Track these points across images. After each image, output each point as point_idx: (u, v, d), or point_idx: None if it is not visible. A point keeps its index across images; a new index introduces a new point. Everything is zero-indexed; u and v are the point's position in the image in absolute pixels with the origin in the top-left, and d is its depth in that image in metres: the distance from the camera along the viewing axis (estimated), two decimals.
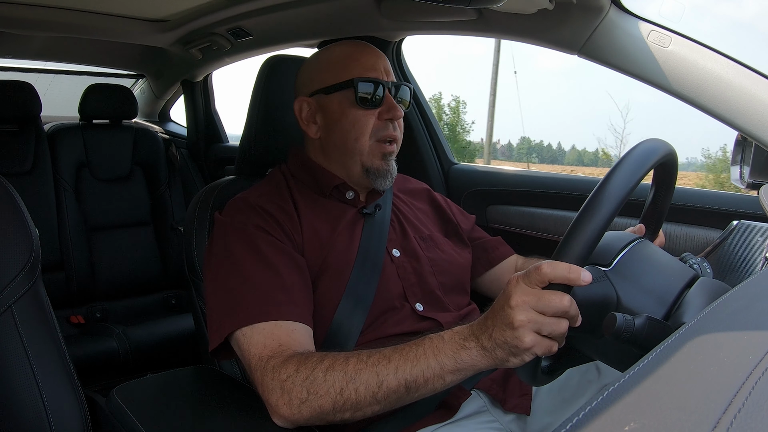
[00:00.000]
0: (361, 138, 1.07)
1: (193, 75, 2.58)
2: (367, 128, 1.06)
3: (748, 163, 1.11)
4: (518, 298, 0.69)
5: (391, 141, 1.09)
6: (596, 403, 0.36)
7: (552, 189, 1.59)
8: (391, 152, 1.09)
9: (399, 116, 1.07)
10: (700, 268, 0.84)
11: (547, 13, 1.21)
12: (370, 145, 1.07)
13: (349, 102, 1.06)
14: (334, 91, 1.07)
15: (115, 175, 2.42)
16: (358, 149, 1.07)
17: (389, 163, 1.09)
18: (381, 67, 1.08)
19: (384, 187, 1.11)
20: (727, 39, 46.18)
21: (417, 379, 0.77)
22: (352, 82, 1.05)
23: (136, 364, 2.02)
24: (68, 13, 1.74)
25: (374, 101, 1.06)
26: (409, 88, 1.14)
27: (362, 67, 1.07)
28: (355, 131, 1.06)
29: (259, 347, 0.87)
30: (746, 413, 0.33)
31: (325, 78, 1.09)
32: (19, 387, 0.83)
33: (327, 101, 1.09)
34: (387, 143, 1.08)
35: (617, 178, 0.70)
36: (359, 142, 1.07)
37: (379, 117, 1.07)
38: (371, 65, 1.07)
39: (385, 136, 1.07)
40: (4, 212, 0.86)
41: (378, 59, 1.09)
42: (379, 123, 1.07)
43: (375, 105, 1.06)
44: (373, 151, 1.08)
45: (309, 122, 1.12)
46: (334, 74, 1.08)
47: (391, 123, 1.08)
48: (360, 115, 1.06)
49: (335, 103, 1.07)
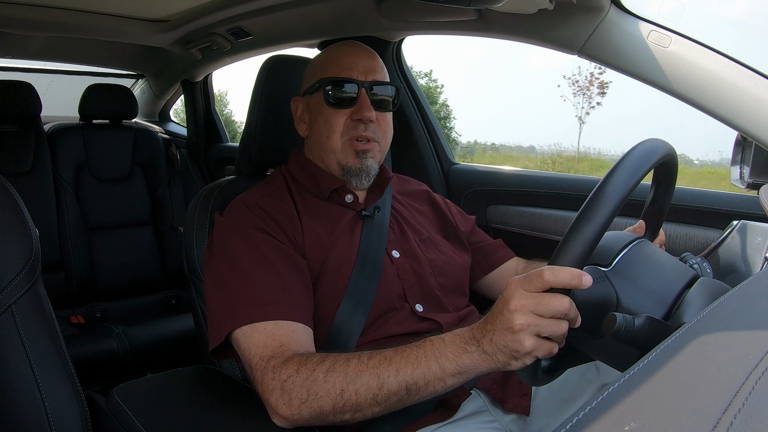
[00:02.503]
0: (331, 136, 1.08)
1: (193, 75, 2.58)
2: (337, 127, 1.08)
3: (748, 163, 1.11)
4: (517, 301, 0.69)
5: (364, 140, 1.08)
6: (596, 403, 0.36)
7: (552, 189, 1.59)
8: (365, 150, 1.08)
9: (368, 117, 1.06)
10: (700, 268, 0.84)
11: (547, 13, 1.21)
12: (342, 143, 1.08)
13: (323, 101, 1.08)
14: (312, 91, 1.11)
15: (115, 175, 2.42)
16: (331, 147, 1.09)
17: (363, 162, 1.09)
18: (360, 66, 1.08)
19: (360, 185, 1.11)
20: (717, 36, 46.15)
21: (418, 382, 0.77)
22: (321, 81, 1.08)
23: (136, 364, 2.02)
24: (68, 13, 1.74)
25: (345, 101, 1.07)
26: (396, 88, 1.13)
27: (339, 66, 1.08)
28: (326, 130, 1.09)
29: (260, 347, 0.87)
30: (746, 413, 0.33)
31: (310, 78, 1.13)
32: (19, 387, 0.83)
33: (310, 101, 1.12)
34: (360, 141, 1.08)
35: (617, 178, 0.70)
36: (330, 140, 1.08)
37: (351, 117, 1.07)
38: (348, 65, 1.08)
39: (354, 135, 1.07)
40: (4, 212, 0.86)
41: (358, 59, 1.09)
42: (351, 122, 1.07)
43: (347, 105, 1.07)
44: (345, 149, 1.08)
45: (300, 121, 1.16)
46: (316, 74, 1.11)
47: (363, 123, 1.07)
48: (330, 114, 1.08)
49: (314, 102, 1.11)
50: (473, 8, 1.33)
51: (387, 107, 1.12)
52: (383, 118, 1.11)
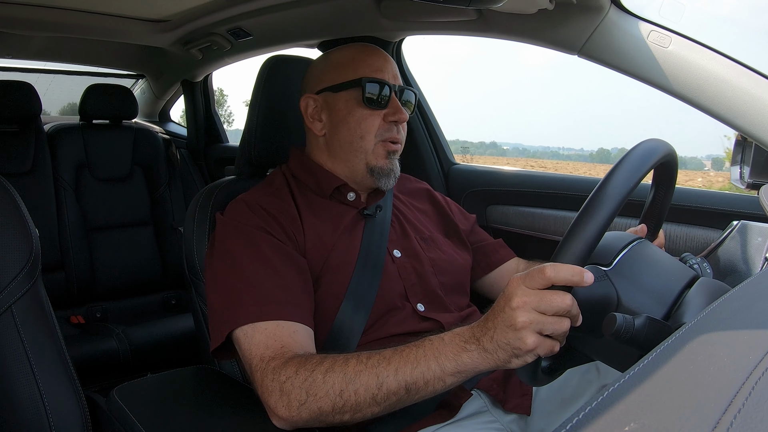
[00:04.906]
0: (366, 136, 1.08)
1: (193, 75, 2.58)
2: (373, 128, 1.08)
3: (748, 163, 1.11)
4: (519, 299, 0.69)
5: (395, 141, 1.10)
6: (596, 403, 0.36)
7: (552, 189, 1.59)
8: (395, 151, 1.10)
9: (404, 119, 1.09)
10: (700, 268, 0.84)
11: (547, 13, 1.21)
12: (375, 144, 1.08)
13: (356, 101, 1.07)
14: (341, 89, 1.09)
15: (115, 175, 2.42)
16: (363, 148, 1.08)
17: (393, 162, 1.10)
18: (389, 70, 1.10)
19: (387, 186, 1.12)
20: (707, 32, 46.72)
21: (417, 381, 0.77)
22: (360, 81, 1.06)
23: (136, 364, 2.02)
24: (68, 13, 1.74)
25: (380, 102, 1.07)
26: (414, 93, 1.15)
27: (370, 68, 1.08)
28: (360, 129, 1.08)
29: (261, 348, 0.87)
30: (746, 413, 0.33)
31: (333, 76, 1.10)
32: (19, 387, 0.83)
33: (334, 99, 1.10)
34: (391, 142, 1.09)
35: (617, 178, 0.70)
36: (364, 140, 1.08)
37: (385, 118, 1.08)
38: (379, 67, 1.09)
39: (388, 138, 1.09)
40: (4, 212, 0.86)
41: (387, 62, 1.11)
42: (384, 124, 1.08)
43: (381, 106, 1.07)
44: (377, 150, 1.08)
45: (314, 119, 1.13)
46: (343, 73, 1.09)
47: (396, 125, 1.09)
48: (366, 114, 1.07)
49: (342, 101, 1.09)
50: (473, 8, 1.33)
51: (410, 111, 1.14)
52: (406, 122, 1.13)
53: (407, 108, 1.12)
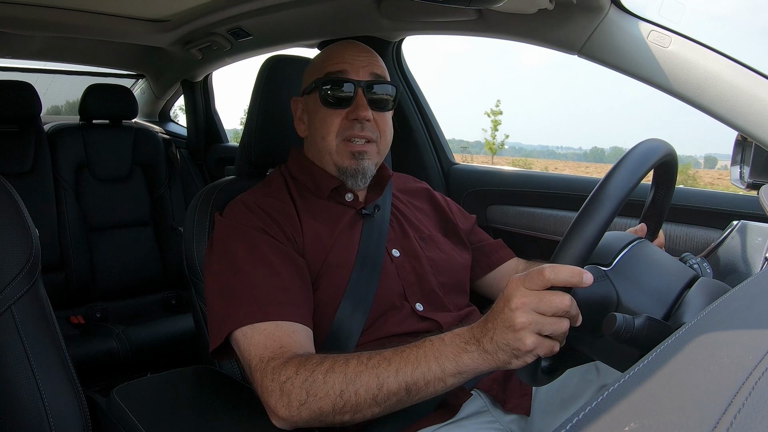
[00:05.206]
0: (327, 137, 1.08)
1: (193, 75, 2.58)
2: (332, 127, 1.07)
3: (748, 163, 1.11)
4: (518, 300, 0.69)
5: (366, 140, 1.07)
6: (596, 403, 0.36)
7: (552, 189, 1.59)
8: (362, 151, 1.07)
9: (363, 117, 1.05)
10: (700, 268, 0.84)
11: (547, 13, 1.21)
12: (337, 144, 1.08)
13: (320, 101, 1.08)
14: (309, 91, 1.11)
15: (115, 175, 2.42)
16: (326, 148, 1.08)
17: (360, 163, 1.08)
18: (356, 64, 1.07)
19: (355, 186, 1.11)
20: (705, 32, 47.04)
21: (418, 382, 0.77)
22: (317, 81, 1.07)
23: (136, 364, 2.02)
24: (68, 13, 1.74)
25: (341, 101, 1.06)
26: (394, 87, 1.12)
27: (335, 67, 1.07)
28: (321, 130, 1.08)
29: (260, 348, 0.87)
30: (746, 413, 0.33)
31: (307, 78, 1.13)
32: (19, 387, 0.83)
33: (308, 101, 1.12)
34: (355, 142, 1.07)
35: (617, 178, 0.70)
36: (326, 140, 1.08)
37: (347, 116, 1.06)
38: (345, 64, 1.07)
39: (349, 136, 1.07)
40: (4, 212, 0.86)
41: (354, 57, 1.08)
42: (346, 122, 1.06)
43: (343, 105, 1.06)
44: (340, 150, 1.08)
45: (300, 122, 1.16)
46: (312, 74, 1.11)
47: (359, 123, 1.06)
48: (326, 114, 1.07)
49: (311, 102, 1.11)
50: (473, 8, 1.33)
51: (386, 107, 1.11)
52: (381, 117, 1.09)
53: (382, 103, 1.09)
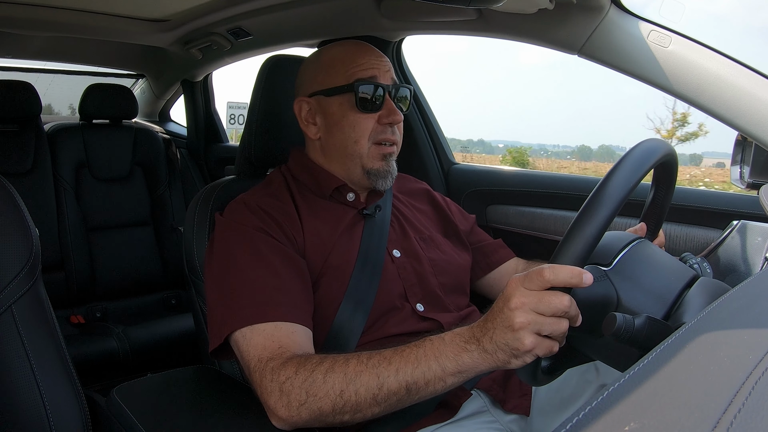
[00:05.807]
0: (360, 140, 1.07)
1: (193, 75, 2.58)
2: (366, 131, 1.06)
3: (748, 163, 1.11)
4: (518, 300, 0.69)
5: (390, 143, 1.09)
6: (596, 403, 0.36)
7: (552, 189, 1.59)
8: (391, 153, 1.09)
9: (398, 121, 1.07)
10: (700, 268, 0.84)
11: (547, 13, 1.21)
12: (369, 147, 1.07)
13: (349, 105, 1.06)
14: (334, 93, 1.07)
15: (115, 175, 2.42)
16: (358, 152, 1.07)
17: (389, 164, 1.10)
18: (381, 68, 1.08)
19: (385, 187, 1.11)
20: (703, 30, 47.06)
21: (418, 382, 0.77)
22: (353, 86, 1.05)
23: (136, 364, 2.02)
24: (68, 13, 1.74)
25: (374, 105, 1.06)
26: (409, 90, 1.13)
27: (362, 70, 1.06)
28: (354, 134, 1.07)
29: (259, 349, 0.87)
30: (746, 413, 0.33)
31: (325, 79, 1.08)
32: (19, 387, 0.83)
33: (327, 103, 1.08)
34: (386, 145, 1.08)
35: (617, 178, 0.70)
36: (359, 144, 1.07)
37: (379, 120, 1.07)
38: (371, 67, 1.07)
39: (383, 140, 1.07)
40: (4, 212, 0.86)
41: (379, 61, 1.09)
42: (379, 126, 1.07)
43: (374, 109, 1.06)
44: (372, 153, 1.08)
45: (308, 123, 1.12)
46: (335, 75, 1.07)
47: (390, 127, 1.07)
48: (360, 118, 1.06)
49: (335, 104, 1.07)
50: (473, 8, 1.33)
51: (405, 109, 1.12)
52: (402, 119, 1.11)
53: (402, 105, 1.11)
